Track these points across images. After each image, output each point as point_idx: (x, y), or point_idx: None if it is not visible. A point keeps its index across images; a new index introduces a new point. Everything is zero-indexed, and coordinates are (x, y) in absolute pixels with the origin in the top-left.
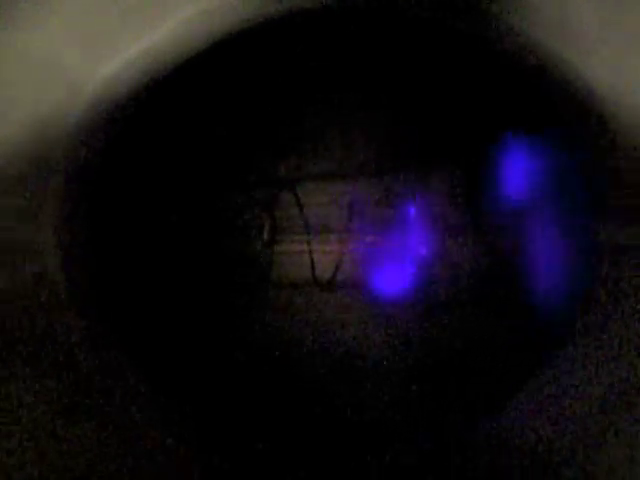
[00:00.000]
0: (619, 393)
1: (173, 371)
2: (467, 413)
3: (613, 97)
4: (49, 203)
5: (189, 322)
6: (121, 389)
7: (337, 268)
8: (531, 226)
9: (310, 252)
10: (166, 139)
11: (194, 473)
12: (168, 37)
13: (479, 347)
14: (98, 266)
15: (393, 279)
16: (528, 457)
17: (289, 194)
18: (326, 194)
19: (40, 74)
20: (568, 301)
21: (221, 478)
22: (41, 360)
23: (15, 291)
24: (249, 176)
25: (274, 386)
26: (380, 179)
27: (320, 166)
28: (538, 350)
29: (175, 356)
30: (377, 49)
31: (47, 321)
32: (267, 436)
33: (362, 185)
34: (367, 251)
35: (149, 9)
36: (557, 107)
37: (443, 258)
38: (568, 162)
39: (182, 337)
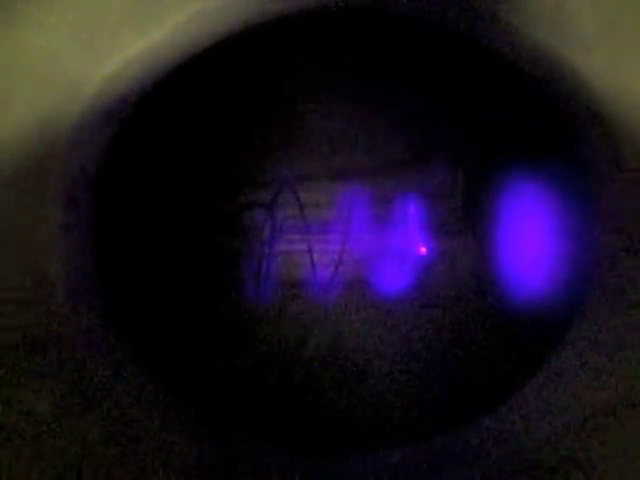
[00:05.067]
0: (617, 394)
1: (174, 369)
2: (466, 413)
3: (613, 97)
4: (49, 203)
5: (189, 321)
6: (124, 388)
7: (337, 268)
8: (529, 227)
9: (310, 252)
10: (166, 138)
11: (195, 471)
12: (169, 36)
13: (478, 347)
14: (99, 265)
15: (393, 279)
16: (525, 458)
17: (289, 194)
18: (326, 194)
19: (40, 73)
20: (566, 301)
21: (221, 476)
22: (42, 360)
23: (15, 290)
24: (249, 176)
25: (274, 385)
26: (380, 179)
27: (320, 166)
28: (536, 350)
29: (176, 355)
30: (377, 50)
31: (47, 321)
32: (266, 435)
33: (362, 185)
34: (367, 251)
35: (150, 8)
36: (557, 108)
37: (442, 258)
38: (567, 163)
39: (182, 336)
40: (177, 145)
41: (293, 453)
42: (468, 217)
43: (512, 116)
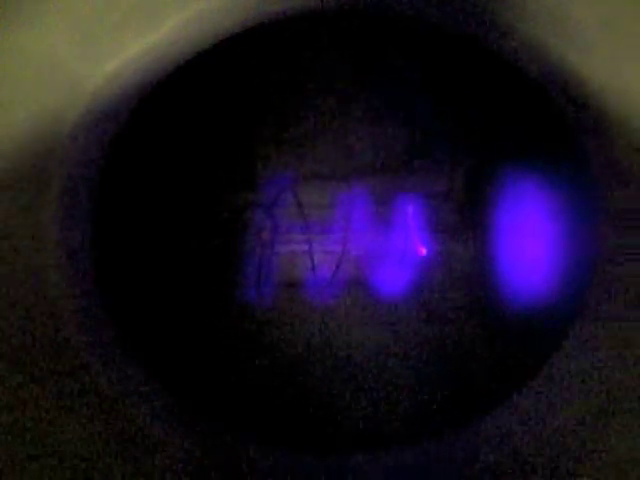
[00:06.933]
0: (616, 395)
1: (175, 369)
2: (465, 414)
3: (613, 97)
4: (49, 203)
5: (189, 322)
6: (124, 388)
7: (337, 268)
8: (529, 227)
9: (310, 252)
10: (167, 139)
11: (195, 471)
12: (169, 36)
13: (477, 348)
14: (100, 265)
15: (393, 279)
16: (523, 460)
17: (289, 194)
18: (326, 194)
19: (40, 73)
20: (567, 301)
21: (221, 476)
22: (41, 360)
23: (14, 290)
24: (249, 176)
25: (274, 386)
26: (380, 179)
27: (320, 166)
28: (537, 350)
29: (176, 355)
30: (377, 50)
31: (47, 321)
32: (266, 435)
33: (362, 185)
34: (367, 251)
35: (150, 8)
36: (557, 107)
37: (442, 258)
38: (567, 163)
39: (183, 337)
40: (177, 145)
41: (292, 452)
42: (468, 217)
43: (512, 116)
